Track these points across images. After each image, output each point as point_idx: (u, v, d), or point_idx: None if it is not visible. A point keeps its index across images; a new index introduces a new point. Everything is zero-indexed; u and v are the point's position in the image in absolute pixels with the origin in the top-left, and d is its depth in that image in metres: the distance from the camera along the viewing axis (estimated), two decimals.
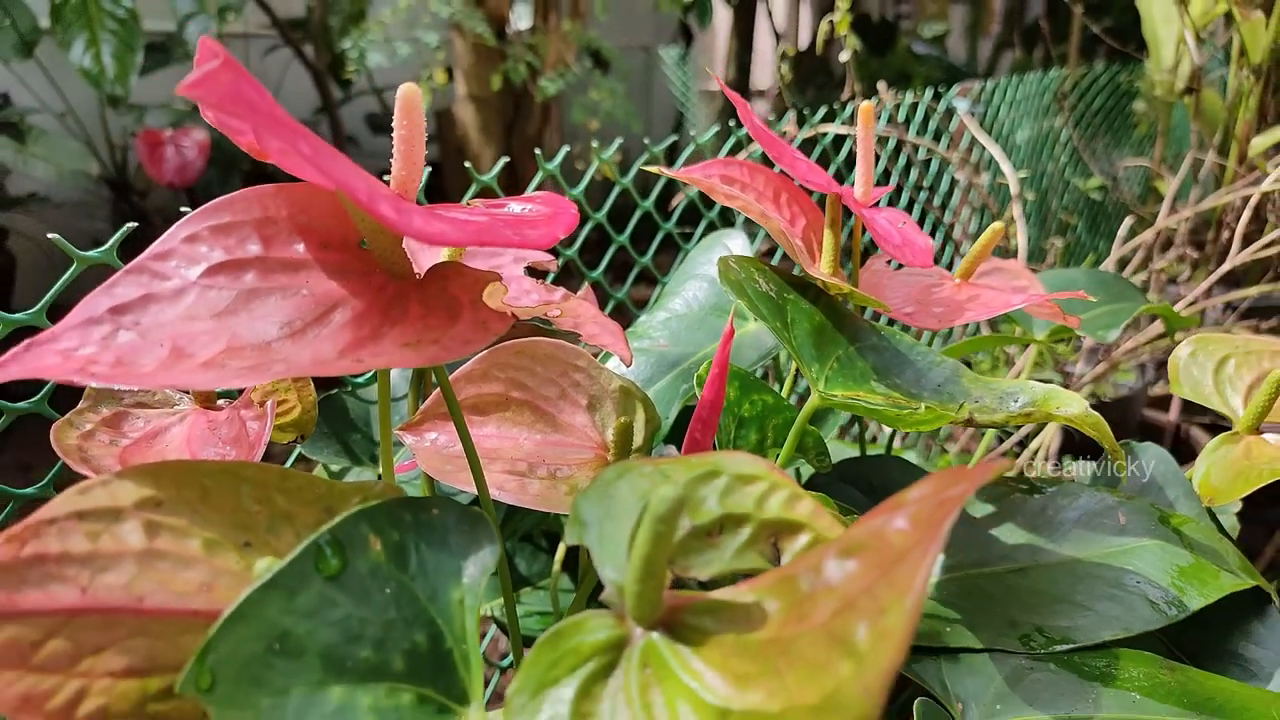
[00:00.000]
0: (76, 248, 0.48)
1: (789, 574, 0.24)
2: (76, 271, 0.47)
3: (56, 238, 0.47)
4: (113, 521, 0.28)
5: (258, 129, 0.29)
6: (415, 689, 0.27)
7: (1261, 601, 0.51)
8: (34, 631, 0.25)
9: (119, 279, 0.31)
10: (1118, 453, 0.44)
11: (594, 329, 0.46)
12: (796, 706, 0.22)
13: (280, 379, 0.43)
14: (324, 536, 0.27)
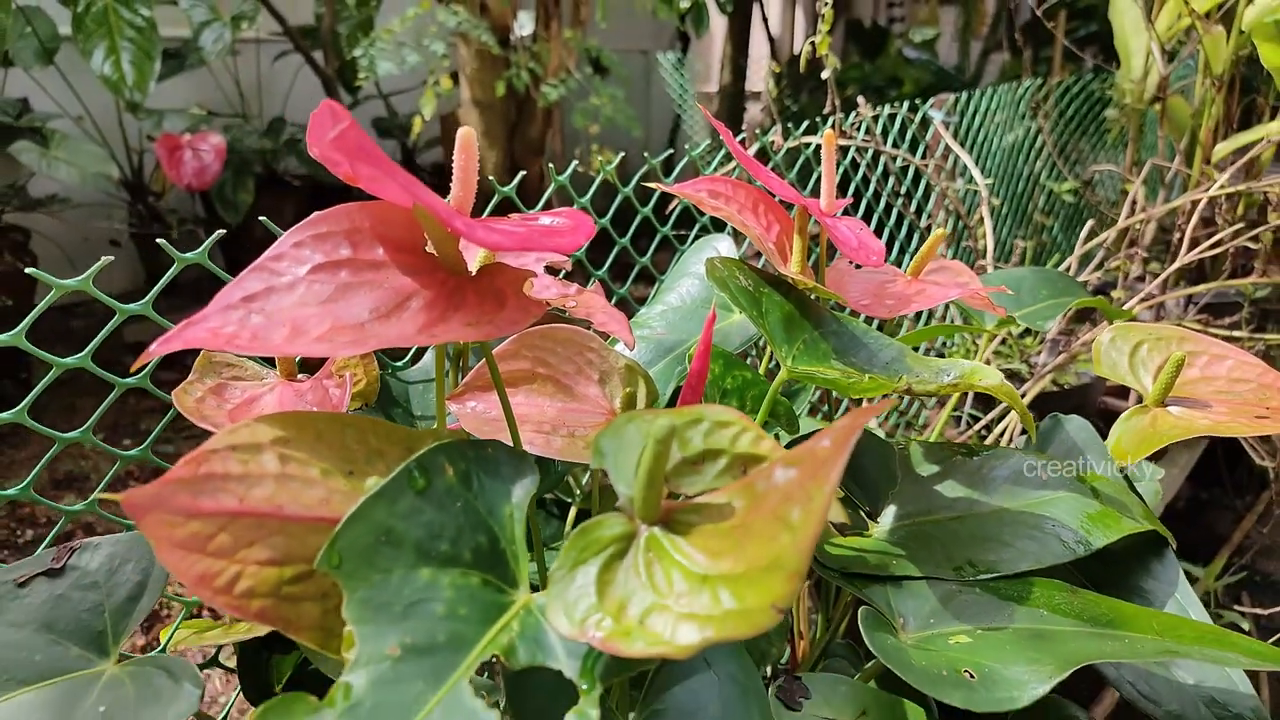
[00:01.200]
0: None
1: (750, 481, 0.34)
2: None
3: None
4: (256, 453, 0.37)
5: (358, 164, 0.39)
6: (480, 574, 0.37)
7: (1161, 545, 0.61)
8: (208, 527, 0.35)
9: (246, 275, 0.41)
10: (1026, 416, 0.54)
11: (603, 317, 0.56)
12: (753, 568, 0.32)
13: (351, 357, 0.53)
14: (413, 463, 0.37)
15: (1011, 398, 0.52)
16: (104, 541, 0.47)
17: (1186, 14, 1.75)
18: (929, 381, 0.53)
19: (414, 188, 0.38)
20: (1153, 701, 0.54)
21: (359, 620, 0.33)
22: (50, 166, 2.48)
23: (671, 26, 5.21)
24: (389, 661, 0.33)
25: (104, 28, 2.57)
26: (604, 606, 0.33)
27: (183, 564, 0.34)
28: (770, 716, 0.43)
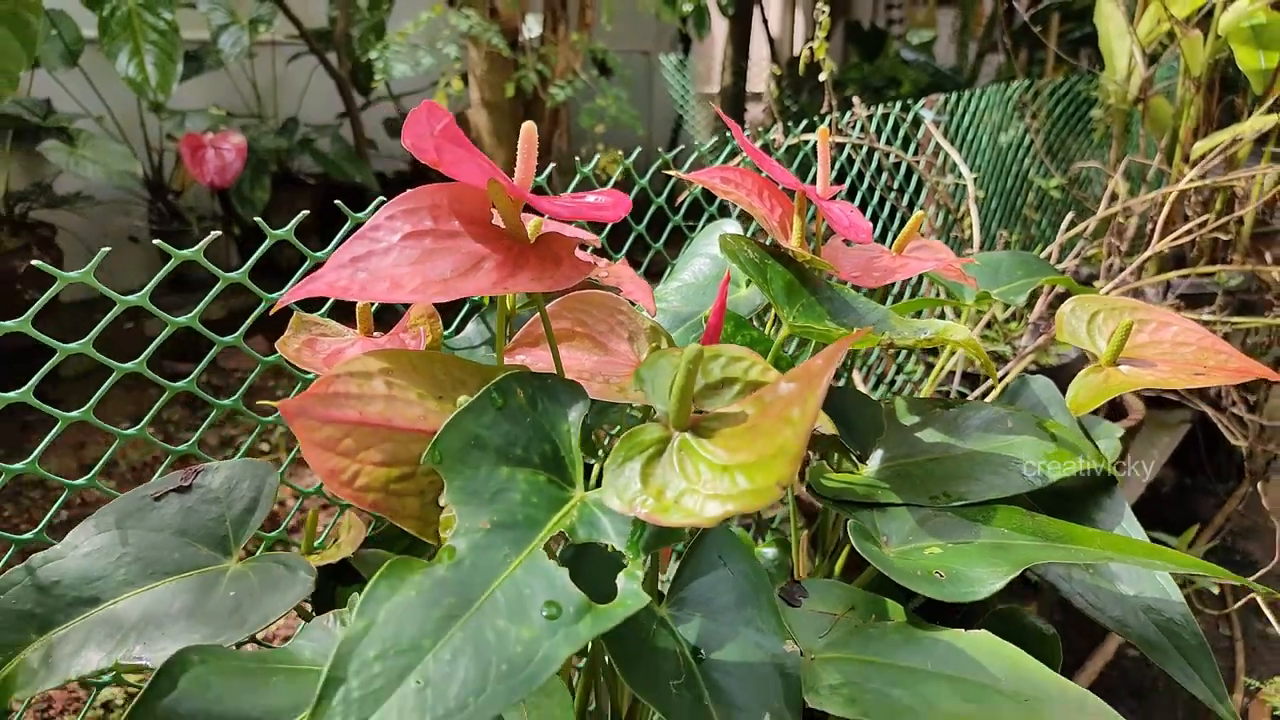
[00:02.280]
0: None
1: (760, 395, 0.44)
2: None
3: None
4: (368, 379, 0.47)
5: (445, 151, 0.49)
6: (546, 474, 0.46)
7: (1111, 484, 0.71)
8: (337, 433, 0.45)
9: (352, 242, 0.51)
10: (989, 365, 0.63)
11: (631, 286, 0.66)
12: (763, 456, 0.41)
13: (421, 316, 0.62)
14: (493, 387, 0.47)
15: (976, 350, 0.62)
16: (222, 465, 0.57)
17: (1166, 19, 1.85)
18: (909, 337, 0.63)
19: (491, 169, 0.48)
20: (1099, 609, 0.63)
21: (458, 502, 0.43)
22: (78, 165, 2.58)
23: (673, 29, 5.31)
24: (482, 532, 0.42)
25: (128, 31, 2.67)
26: (647, 490, 0.43)
27: (319, 460, 0.44)
28: (775, 604, 0.53)
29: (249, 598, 0.50)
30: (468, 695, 0.37)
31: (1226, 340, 0.75)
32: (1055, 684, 0.51)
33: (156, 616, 0.50)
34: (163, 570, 0.52)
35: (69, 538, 0.53)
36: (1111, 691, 1.76)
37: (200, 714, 0.42)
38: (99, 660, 0.48)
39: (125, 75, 2.64)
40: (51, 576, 0.51)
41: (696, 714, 0.47)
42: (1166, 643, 0.61)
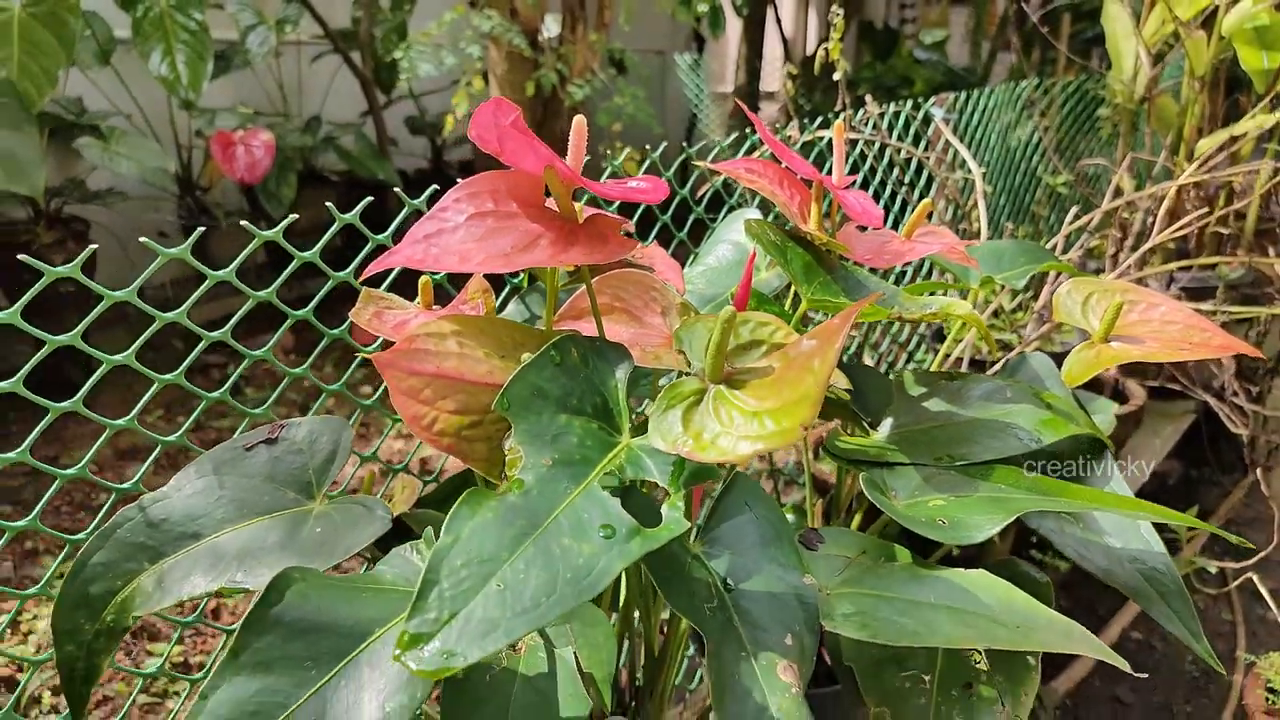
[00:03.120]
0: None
1: (784, 351, 0.51)
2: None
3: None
4: (443, 338, 0.54)
5: (507, 141, 0.55)
6: (598, 422, 0.53)
7: (1101, 450, 0.77)
8: (419, 383, 0.52)
9: (423, 222, 0.58)
10: (989, 338, 0.70)
11: (662, 266, 0.72)
12: (788, 402, 0.48)
13: (477, 290, 0.69)
14: (551, 346, 0.54)
15: (977, 322, 0.69)
16: (304, 421, 0.64)
17: (1171, 20, 1.91)
18: (915, 311, 0.69)
19: (549, 156, 0.55)
20: (1089, 560, 0.70)
21: (524, 443, 0.50)
22: (112, 161, 2.67)
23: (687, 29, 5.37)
24: (545, 468, 0.49)
25: (160, 31, 2.76)
26: (688, 432, 0.50)
27: (404, 406, 0.51)
28: (795, 546, 0.60)
29: (333, 533, 0.58)
30: (540, 596, 0.44)
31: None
32: (1045, 614, 0.58)
33: (253, 548, 0.57)
34: (255, 510, 0.59)
35: (172, 482, 0.60)
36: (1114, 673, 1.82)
37: (303, 620, 0.49)
38: (205, 584, 0.55)
39: (158, 74, 2.72)
40: (160, 515, 0.58)
41: (727, 632, 0.54)
42: (1149, 589, 0.68)
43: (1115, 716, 1.70)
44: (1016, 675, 0.64)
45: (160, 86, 2.79)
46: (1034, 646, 0.55)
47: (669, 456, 0.52)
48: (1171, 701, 1.73)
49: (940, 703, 0.63)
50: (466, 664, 0.41)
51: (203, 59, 2.75)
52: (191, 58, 2.75)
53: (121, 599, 0.56)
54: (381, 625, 0.50)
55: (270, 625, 0.48)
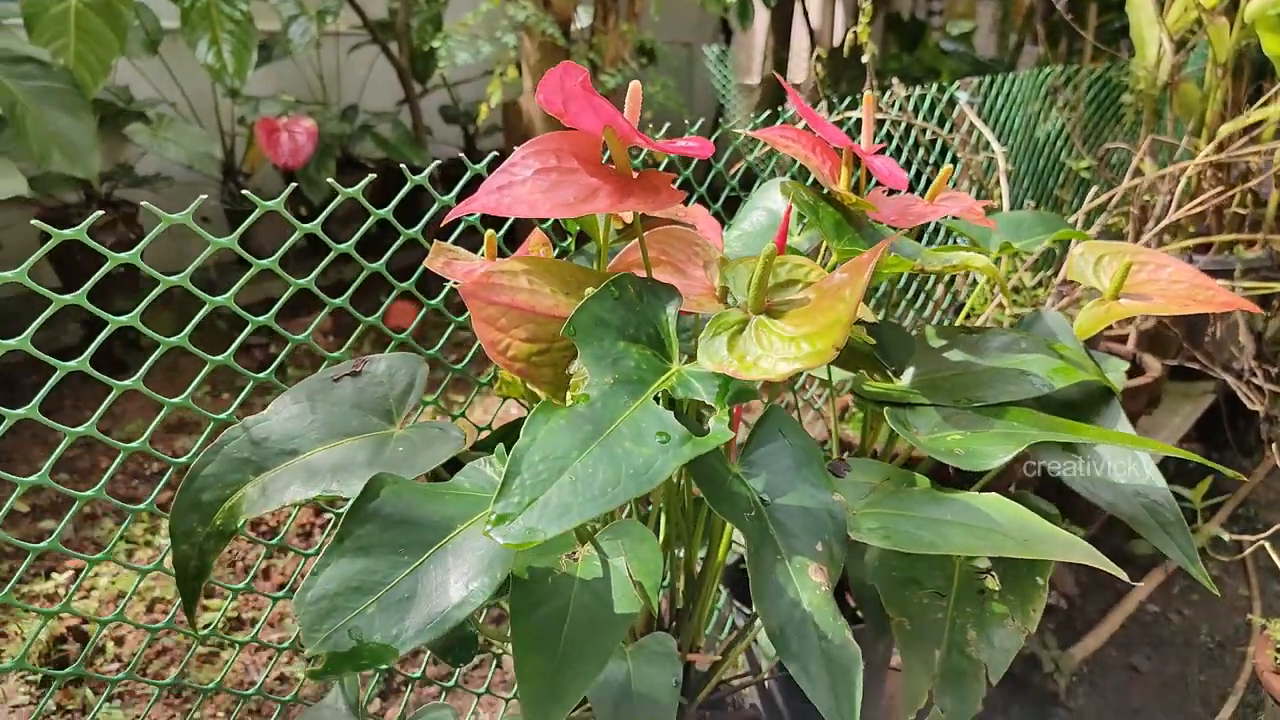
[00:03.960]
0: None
1: (818, 284, 0.57)
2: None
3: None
4: (514, 276, 0.61)
5: (571, 103, 0.62)
6: (651, 350, 0.60)
7: (1109, 397, 0.83)
8: (495, 312, 0.59)
9: (496, 175, 0.65)
10: (1004, 288, 0.76)
11: (704, 225, 0.79)
12: (821, 327, 0.55)
13: (537, 243, 0.77)
14: (611, 282, 0.61)
15: (994, 274, 0.75)
16: (384, 357, 0.72)
17: (1194, 7, 1.95)
18: (937, 264, 0.76)
19: (609, 116, 0.62)
20: (1095, 494, 0.76)
21: (589, 364, 0.57)
22: (161, 146, 2.77)
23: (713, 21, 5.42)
24: (608, 385, 0.56)
25: (207, 21, 2.85)
26: (733, 355, 0.56)
27: (484, 331, 0.58)
28: (825, 469, 0.66)
29: (414, 451, 0.65)
30: (606, 487, 0.51)
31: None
32: (1050, 530, 0.64)
33: (344, 463, 0.64)
34: (344, 432, 0.67)
35: (270, 407, 0.68)
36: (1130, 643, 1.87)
37: (396, 514, 0.56)
38: (303, 493, 0.63)
39: (205, 62, 2.82)
40: (261, 434, 0.66)
41: (764, 538, 0.60)
42: (1150, 519, 0.74)
43: (1131, 684, 1.75)
44: (1026, 594, 0.71)
45: (205, 75, 2.89)
46: (1039, 556, 0.61)
47: (714, 379, 0.58)
48: (1187, 671, 1.78)
49: (955, 617, 0.70)
50: (545, 538, 0.48)
51: (247, 48, 2.84)
52: (237, 47, 2.85)
53: (230, 505, 0.63)
54: (462, 522, 0.57)
55: (369, 517, 0.55)
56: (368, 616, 0.52)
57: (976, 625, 0.69)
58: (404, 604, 0.53)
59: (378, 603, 0.53)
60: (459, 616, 0.52)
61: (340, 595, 0.52)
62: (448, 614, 0.52)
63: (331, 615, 0.52)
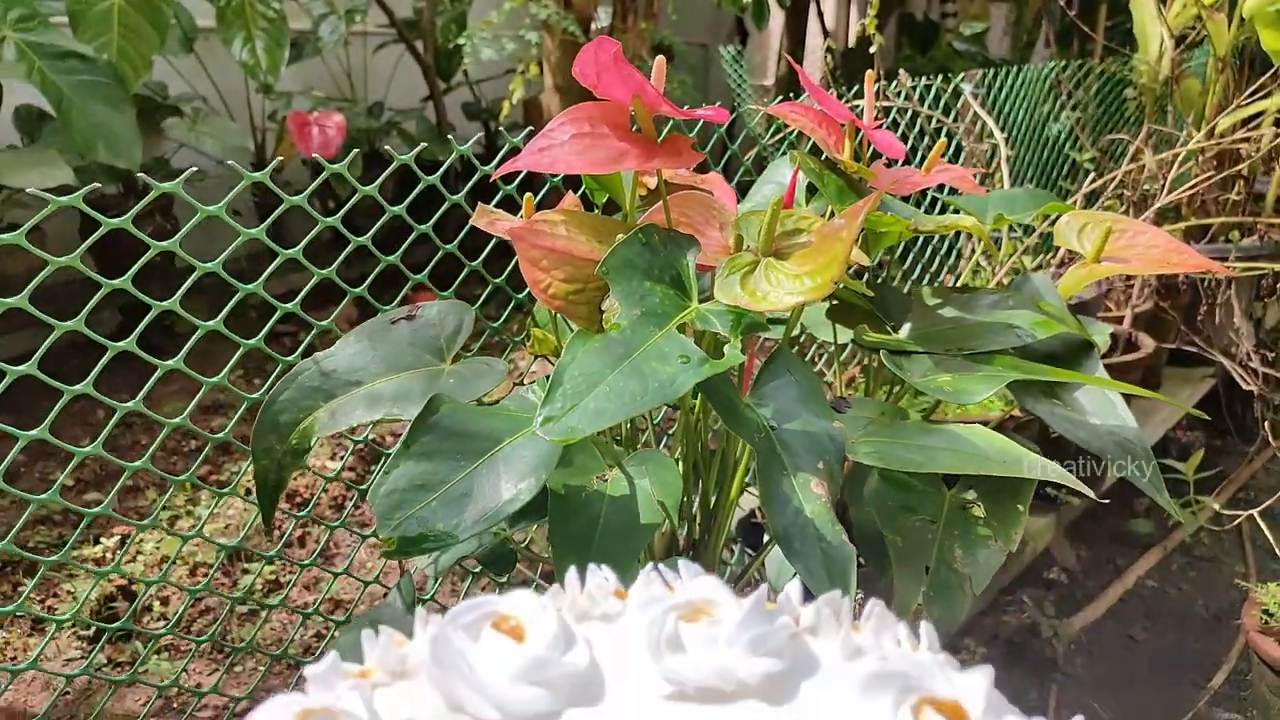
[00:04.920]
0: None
1: (820, 228, 0.66)
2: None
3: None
4: (554, 224, 0.70)
5: (604, 75, 0.71)
6: (673, 290, 0.69)
7: (1090, 350, 0.91)
8: (538, 254, 0.68)
9: (537, 139, 0.74)
10: (991, 247, 0.84)
11: (719, 191, 0.88)
12: (821, 265, 0.63)
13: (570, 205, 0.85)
14: (638, 230, 0.69)
15: (981, 233, 0.83)
16: (435, 303, 0.81)
17: (1193, 4, 2.02)
18: (929, 224, 0.84)
19: (638, 85, 0.71)
20: (1073, 433, 0.84)
21: (619, 299, 0.66)
22: (198, 140, 2.88)
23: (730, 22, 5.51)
24: (636, 317, 0.65)
25: (242, 19, 2.97)
26: (745, 290, 0.65)
27: (529, 271, 0.67)
28: (827, 404, 0.75)
29: (463, 383, 0.74)
30: (635, 397, 0.59)
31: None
32: (1029, 454, 0.72)
33: (403, 392, 0.73)
34: (402, 367, 0.76)
35: (336, 345, 0.77)
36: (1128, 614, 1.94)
37: (453, 427, 0.65)
38: (368, 416, 0.72)
39: (239, 59, 2.93)
40: (329, 367, 0.75)
41: (772, 456, 0.69)
42: (1122, 453, 0.82)
43: (1129, 652, 1.82)
44: (1007, 518, 0.79)
45: (236, 72, 3.00)
46: (1018, 474, 0.70)
47: (728, 314, 0.67)
48: (1182, 641, 1.85)
49: (944, 538, 0.78)
50: (582, 435, 0.57)
51: (280, 45, 2.95)
52: (270, 44, 2.96)
53: (303, 427, 0.72)
54: (510, 435, 0.66)
55: (430, 428, 0.64)
56: (431, 509, 0.61)
57: (963, 545, 0.77)
58: (462, 500, 0.62)
59: (439, 498, 0.61)
60: (509, 510, 0.61)
61: (407, 491, 0.61)
62: (500, 508, 0.61)
63: (401, 507, 0.60)
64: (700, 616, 0.39)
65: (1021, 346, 0.86)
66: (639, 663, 0.38)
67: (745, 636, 0.37)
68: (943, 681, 0.35)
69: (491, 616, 0.39)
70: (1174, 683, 1.70)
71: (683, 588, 0.40)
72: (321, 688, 0.35)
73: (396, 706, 0.36)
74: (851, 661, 0.38)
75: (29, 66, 2.43)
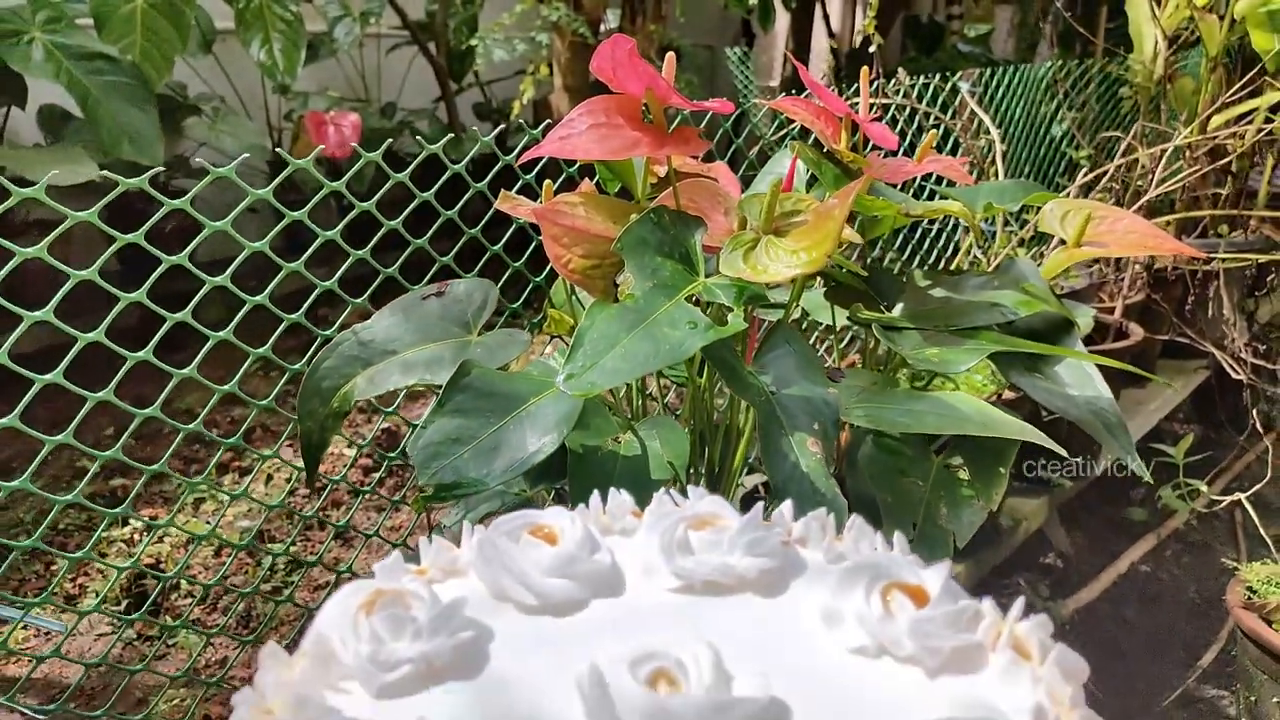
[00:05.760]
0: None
1: (815, 208, 0.73)
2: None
3: None
4: (574, 205, 0.77)
5: (620, 70, 0.78)
6: (682, 265, 0.76)
7: (1070, 328, 0.98)
8: (559, 231, 0.75)
9: (558, 129, 0.80)
10: (976, 229, 0.91)
11: (724, 180, 0.95)
12: (815, 240, 0.70)
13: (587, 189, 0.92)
14: (650, 211, 0.76)
15: (966, 215, 0.90)
16: (462, 281, 0.88)
17: (1185, 5, 2.08)
18: (918, 208, 0.91)
19: (650, 79, 0.77)
20: (1051, 401, 0.90)
21: (633, 272, 0.73)
22: (218, 139, 2.96)
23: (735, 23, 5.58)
24: (648, 288, 0.72)
25: (260, 21, 3.04)
26: (747, 264, 0.72)
27: (551, 247, 0.74)
28: (823, 372, 0.81)
29: (490, 351, 0.81)
30: (648, 357, 0.66)
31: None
32: (1008, 419, 0.79)
33: (435, 360, 0.80)
34: (433, 338, 0.83)
35: (372, 319, 0.84)
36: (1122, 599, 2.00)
37: (482, 388, 0.72)
38: (402, 381, 0.79)
39: (258, 60, 3.01)
40: (366, 337, 0.82)
41: (771, 417, 0.76)
42: (1096, 421, 0.88)
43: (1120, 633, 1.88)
44: (990, 480, 0.85)
45: (253, 73, 3.08)
46: (997, 434, 0.76)
47: (731, 286, 0.74)
48: (1174, 623, 1.91)
49: (931, 498, 0.85)
50: (601, 390, 0.64)
51: (297, 47, 3.03)
52: (287, 46, 3.03)
53: (344, 391, 0.79)
54: (534, 396, 0.73)
55: (462, 389, 0.71)
56: (464, 459, 0.68)
57: (948, 504, 0.84)
58: (492, 452, 0.69)
59: (471, 450, 0.68)
60: (534, 461, 0.68)
61: (443, 444, 0.68)
62: (526, 459, 0.68)
63: (437, 458, 0.67)
64: (706, 526, 0.46)
65: (1007, 324, 0.93)
66: (653, 563, 0.45)
67: (744, 540, 0.44)
68: (909, 571, 0.41)
69: (529, 525, 0.46)
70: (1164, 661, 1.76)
71: (691, 504, 0.47)
72: (388, 577, 0.42)
73: (450, 591, 0.43)
74: (834, 563, 0.45)
75: (57, 67, 2.51)
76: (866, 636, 0.38)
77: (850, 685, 0.37)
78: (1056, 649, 0.36)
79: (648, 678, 0.34)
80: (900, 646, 0.37)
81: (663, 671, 0.35)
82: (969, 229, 1.21)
